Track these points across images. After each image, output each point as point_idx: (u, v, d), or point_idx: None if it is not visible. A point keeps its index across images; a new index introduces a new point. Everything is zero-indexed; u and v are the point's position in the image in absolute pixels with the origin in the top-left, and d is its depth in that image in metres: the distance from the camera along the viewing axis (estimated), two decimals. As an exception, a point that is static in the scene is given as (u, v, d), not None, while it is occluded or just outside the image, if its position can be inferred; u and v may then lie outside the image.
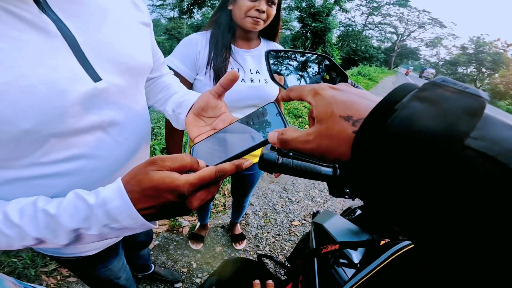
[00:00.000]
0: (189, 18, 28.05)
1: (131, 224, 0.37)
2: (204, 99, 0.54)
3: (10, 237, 0.37)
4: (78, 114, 0.45)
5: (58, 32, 0.41)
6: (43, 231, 0.37)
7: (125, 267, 0.97)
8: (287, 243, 2.05)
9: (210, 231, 2.01)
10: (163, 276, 1.58)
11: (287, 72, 0.57)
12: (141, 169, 0.37)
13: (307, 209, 2.48)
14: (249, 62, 1.10)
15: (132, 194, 0.36)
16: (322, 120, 0.28)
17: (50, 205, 0.38)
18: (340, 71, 0.55)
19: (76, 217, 0.37)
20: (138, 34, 0.58)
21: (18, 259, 1.48)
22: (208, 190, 0.39)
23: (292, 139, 0.32)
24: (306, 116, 4.84)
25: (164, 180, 0.35)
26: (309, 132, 0.29)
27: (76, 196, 0.38)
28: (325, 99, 0.29)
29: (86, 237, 0.39)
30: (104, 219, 0.37)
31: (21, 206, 0.39)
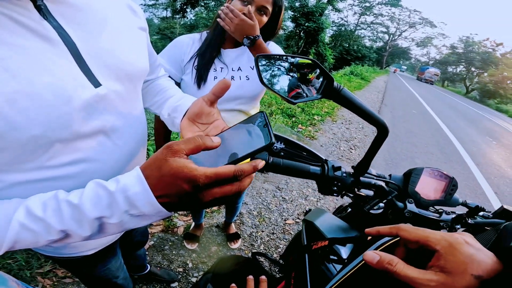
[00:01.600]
0: (182, 18, 27.81)
1: (149, 211, 0.38)
2: (197, 105, 0.57)
3: (36, 232, 0.37)
4: (82, 119, 0.46)
5: (60, 39, 0.42)
6: (68, 223, 0.38)
7: (123, 266, 0.98)
8: (282, 241, 2.08)
9: (205, 230, 2.03)
10: (159, 276, 1.59)
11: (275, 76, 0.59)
12: (159, 155, 0.37)
13: (301, 207, 2.52)
14: (233, 61, 1.12)
15: (150, 179, 0.37)
16: (451, 273, 0.32)
17: (72, 195, 0.39)
18: (327, 75, 0.56)
19: (99, 205, 0.37)
20: (136, 40, 0.59)
21: (12, 260, 1.47)
22: (223, 188, 0.39)
23: (406, 276, 0.34)
24: (299, 116, 4.87)
25: (183, 169, 0.35)
26: (431, 278, 0.33)
27: (96, 184, 0.39)
28: (461, 257, 0.32)
29: (108, 227, 0.39)
30: (125, 206, 0.37)
31: (43, 200, 0.39)
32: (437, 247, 0.34)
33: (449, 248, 0.33)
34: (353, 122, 5.63)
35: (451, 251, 0.33)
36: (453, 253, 0.33)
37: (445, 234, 0.35)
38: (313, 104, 5.85)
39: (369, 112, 0.58)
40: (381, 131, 0.60)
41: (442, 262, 0.33)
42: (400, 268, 0.35)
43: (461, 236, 0.35)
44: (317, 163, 0.65)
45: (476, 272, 0.30)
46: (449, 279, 0.31)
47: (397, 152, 4.58)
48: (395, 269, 0.35)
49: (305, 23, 19.56)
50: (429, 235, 0.36)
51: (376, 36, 50.03)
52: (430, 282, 0.32)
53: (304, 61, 0.60)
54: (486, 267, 0.31)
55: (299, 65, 0.60)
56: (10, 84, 0.37)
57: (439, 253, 0.34)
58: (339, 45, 36.04)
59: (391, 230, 0.40)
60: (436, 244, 0.34)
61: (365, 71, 18.17)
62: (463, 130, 8.23)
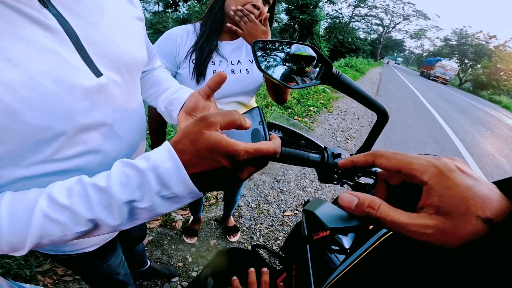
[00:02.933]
0: (175, 12, 27.44)
1: (181, 191, 0.35)
2: (193, 99, 0.56)
3: (62, 224, 0.34)
4: (85, 110, 0.45)
5: (60, 28, 0.41)
6: (96, 209, 0.34)
7: (124, 262, 0.97)
8: (281, 233, 2.08)
9: (204, 224, 2.03)
10: (159, 271, 1.59)
11: (273, 62, 0.58)
12: (193, 128, 0.34)
13: (299, 199, 2.53)
14: (230, 54, 1.10)
15: (183, 155, 0.34)
16: (450, 215, 0.24)
17: (98, 178, 0.35)
18: (325, 60, 0.56)
19: (129, 186, 0.34)
20: (133, 30, 0.58)
21: (11, 260, 1.46)
22: (258, 165, 0.37)
23: (393, 222, 0.26)
24: (295, 107, 4.87)
25: (222, 142, 0.33)
26: (426, 223, 0.25)
27: (124, 164, 0.35)
28: (459, 191, 0.24)
29: (139, 213, 0.36)
30: (156, 185, 0.34)
31: (67, 186, 0.36)
32: (424, 176, 0.26)
33: (439, 177, 0.25)
34: (349, 113, 5.65)
35: (443, 182, 0.25)
36: (447, 185, 0.25)
37: (432, 158, 0.27)
38: (309, 95, 5.85)
39: (369, 98, 0.58)
40: (381, 117, 0.59)
41: (435, 200, 0.25)
42: (384, 211, 0.27)
43: (451, 161, 0.27)
44: (316, 151, 0.65)
45: (483, 213, 0.23)
46: (449, 223, 0.24)
47: (392, 143, 4.62)
48: (379, 214, 0.27)
49: (300, 16, 19.44)
50: (412, 160, 0.27)
51: (370, 29, 50.02)
52: (426, 228, 0.25)
53: (302, 53, 0.58)
54: (493, 206, 0.23)
55: (296, 57, 0.59)
56: (11, 73, 0.36)
57: (428, 185, 0.26)
58: (333, 37, 35.93)
59: (366, 158, 0.32)
60: (423, 173, 0.26)
61: (359, 63, 18.20)
62: (457, 121, 8.31)
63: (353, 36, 38.66)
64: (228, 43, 1.09)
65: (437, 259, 0.34)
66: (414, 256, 0.43)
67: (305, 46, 0.60)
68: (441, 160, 0.27)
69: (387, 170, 0.30)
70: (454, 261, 0.28)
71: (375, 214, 0.27)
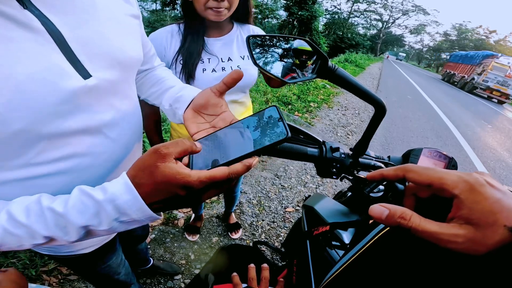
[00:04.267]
0: (172, 10, 27.33)
1: (140, 216, 0.38)
2: (204, 96, 0.54)
3: (20, 237, 0.37)
4: (69, 112, 0.44)
5: (43, 28, 0.40)
6: (52, 229, 0.37)
7: (124, 262, 0.97)
8: (282, 230, 2.09)
9: (205, 221, 2.03)
10: (162, 269, 1.60)
11: (268, 57, 0.58)
12: (148, 161, 0.36)
13: (300, 195, 2.53)
14: (220, 50, 1.06)
15: (141, 188, 0.36)
16: (479, 226, 0.26)
17: (56, 203, 0.38)
18: (320, 54, 0.55)
19: (86, 213, 0.37)
20: (128, 28, 0.56)
21: (16, 259, 1.47)
22: (218, 188, 0.40)
23: (425, 231, 0.28)
24: (295, 103, 4.87)
25: (176, 176, 0.35)
26: (457, 233, 0.27)
27: (81, 192, 0.38)
28: (488, 204, 0.26)
29: (96, 233, 0.39)
30: (114, 214, 0.37)
31: (26, 205, 0.38)
32: (455, 191, 0.28)
33: (470, 192, 0.27)
34: (349, 108, 5.64)
35: (473, 197, 0.27)
36: (477, 199, 0.26)
37: (462, 173, 0.29)
38: (309, 91, 5.84)
39: (365, 91, 0.57)
40: (378, 110, 0.59)
41: (465, 212, 0.27)
42: (416, 222, 0.29)
43: (481, 176, 0.28)
44: (314, 145, 0.64)
45: (509, 223, 0.24)
46: (478, 233, 0.26)
47: (393, 137, 4.61)
48: (411, 224, 0.29)
49: (298, 12, 19.34)
50: (443, 175, 0.29)
51: (369, 24, 49.79)
52: (456, 237, 0.26)
53: (303, 47, 0.58)
54: None
55: (298, 51, 0.59)
56: None
57: (459, 199, 0.27)
58: (332, 33, 35.75)
59: (396, 172, 0.34)
60: (454, 188, 0.28)
61: (359, 58, 18.12)
62: (458, 114, 8.26)
63: (352, 32, 38.47)
64: (216, 39, 1.06)
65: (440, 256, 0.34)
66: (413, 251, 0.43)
67: (301, 40, 0.59)
68: (472, 176, 0.28)
69: (418, 184, 0.32)
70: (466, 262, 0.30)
71: (407, 224, 0.29)
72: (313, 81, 6.64)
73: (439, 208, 0.32)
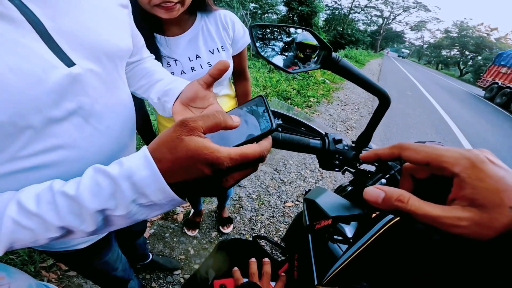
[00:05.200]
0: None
1: (160, 199, 0.33)
2: (192, 89, 0.54)
3: (32, 230, 0.33)
4: (54, 102, 0.43)
5: (23, 18, 0.38)
6: (66, 218, 0.33)
7: (121, 258, 0.96)
8: (282, 224, 2.09)
9: (205, 216, 2.03)
10: (161, 264, 1.60)
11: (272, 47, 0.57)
12: (172, 133, 0.32)
13: (300, 189, 2.52)
14: (185, 49, 0.96)
15: (162, 163, 0.31)
16: (485, 208, 0.23)
17: (68, 185, 0.34)
18: (324, 44, 0.55)
19: (100, 195, 0.32)
20: (115, 17, 0.55)
21: (15, 256, 1.47)
22: (244, 171, 0.35)
23: (425, 215, 0.26)
24: (295, 98, 4.87)
25: (203, 150, 0.30)
26: (460, 216, 0.24)
27: (95, 170, 0.34)
28: (492, 181, 0.24)
29: (114, 220, 0.34)
30: (131, 194, 0.32)
31: (37, 191, 0.34)
32: (455, 168, 0.25)
33: (472, 169, 0.24)
34: (349, 104, 5.64)
35: (476, 174, 0.24)
36: (479, 177, 0.24)
37: (462, 150, 0.26)
38: (308, 86, 5.84)
39: (369, 82, 0.57)
40: (382, 101, 0.58)
41: (468, 192, 0.24)
42: (415, 205, 0.26)
43: (481, 153, 0.26)
44: (317, 137, 0.63)
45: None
46: (484, 215, 0.23)
47: (393, 132, 4.62)
48: (409, 207, 0.26)
49: (298, 7, 19.20)
50: (442, 153, 0.26)
51: (370, 20, 49.47)
52: (460, 221, 0.24)
53: (308, 42, 0.58)
54: None
55: (302, 45, 0.58)
56: None
57: (460, 178, 0.25)
58: (333, 29, 35.57)
59: (391, 150, 0.31)
60: (454, 165, 0.25)
61: (359, 54, 18.14)
62: (458, 111, 8.26)
63: (352, 28, 38.28)
64: (178, 37, 0.95)
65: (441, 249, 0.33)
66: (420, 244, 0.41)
67: (308, 33, 0.59)
68: (472, 152, 0.26)
69: (415, 163, 0.29)
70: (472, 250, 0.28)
71: (405, 208, 0.26)
72: (313, 76, 6.63)
73: (438, 190, 0.30)
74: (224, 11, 1.01)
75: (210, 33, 0.98)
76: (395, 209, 0.27)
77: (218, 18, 0.99)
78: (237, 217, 2.08)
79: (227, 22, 1.00)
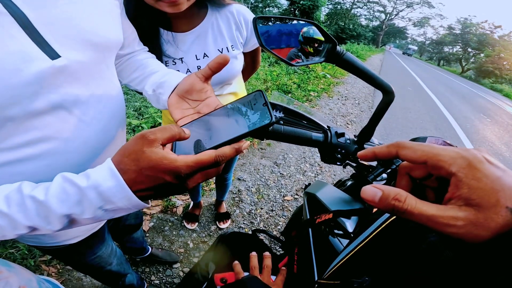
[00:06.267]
0: None
1: (126, 204, 0.37)
2: (189, 81, 0.53)
3: (1, 227, 0.36)
4: (35, 94, 0.42)
5: (5, 10, 0.38)
6: (34, 219, 0.36)
7: (115, 252, 0.96)
8: (281, 218, 2.09)
9: (204, 209, 2.03)
10: (161, 258, 1.60)
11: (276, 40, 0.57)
12: (134, 146, 0.35)
13: (299, 183, 2.53)
14: (192, 46, 0.89)
15: (127, 174, 0.35)
16: (481, 208, 0.23)
17: (37, 190, 0.36)
18: (329, 37, 0.55)
19: (68, 202, 0.35)
20: (104, 8, 0.54)
21: (15, 250, 1.47)
22: (206, 172, 0.40)
23: (421, 214, 0.25)
24: (295, 92, 4.85)
25: (162, 160, 0.34)
26: (456, 215, 0.24)
27: (64, 179, 0.36)
28: (488, 182, 0.24)
29: (80, 221, 0.38)
30: (98, 202, 0.36)
31: (6, 193, 0.37)
32: (452, 168, 0.25)
33: (468, 169, 0.24)
34: (349, 98, 5.64)
35: (473, 174, 0.24)
36: (476, 177, 0.24)
37: (459, 149, 0.26)
38: (309, 80, 5.82)
39: (373, 76, 0.56)
40: (386, 95, 0.58)
41: (464, 191, 0.24)
42: (411, 204, 0.26)
43: (479, 152, 0.26)
44: (319, 131, 0.63)
45: (511, 203, 0.22)
46: (480, 215, 0.23)
47: (392, 127, 4.62)
48: (406, 206, 0.26)
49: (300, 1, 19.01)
50: (439, 151, 0.26)
51: (372, 15, 49.02)
52: (456, 220, 0.24)
53: (318, 37, 0.58)
54: None
55: (308, 39, 0.59)
56: None
57: (457, 177, 0.25)
58: (334, 23, 35.27)
59: (389, 149, 0.31)
60: (451, 164, 0.25)
61: (360, 49, 18.04)
62: (458, 107, 8.25)
63: (354, 23, 37.93)
64: (186, 34, 0.88)
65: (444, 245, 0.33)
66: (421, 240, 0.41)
67: (314, 28, 0.59)
68: (470, 151, 0.26)
69: (412, 161, 0.29)
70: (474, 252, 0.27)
71: (402, 207, 0.26)
72: (314, 70, 6.59)
73: (435, 189, 0.30)
74: (238, 6, 0.93)
75: (221, 31, 0.91)
76: (391, 208, 0.27)
77: (231, 15, 0.92)
78: (236, 210, 2.09)
79: (241, 21, 0.93)
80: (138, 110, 2.98)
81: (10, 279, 0.51)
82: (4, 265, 0.53)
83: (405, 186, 0.32)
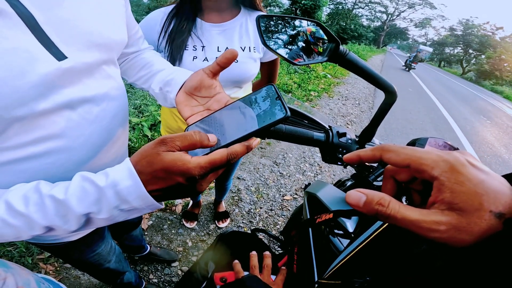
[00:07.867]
0: (174, -5, 26.73)
1: (140, 204, 0.37)
2: (197, 78, 0.52)
3: (17, 228, 0.36)
4: (41, 95, 0.42)
5: (12, 11, 0.37)
6: (53, 218, 0.36)
7: (114, 250, 0.96)
8: (280, 218, 2.09)
9: (203, 208, 2.03)
10: (159, 256, 1.60)
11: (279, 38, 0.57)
12: (151, 149, 0.36)
13: (298, 183, 2.53)
14: (217, 38, 0.93)
15: (142, 175, 0.36)
16: (464, 212, 0.23)
17: (56, 189, 0.37)
18: (332, 37, 0.54)
19: (86, 200, 0.36)
20: (109, 8, 0.53)
21: (13, 247, 1.46)
22: (217, 172, 0.40)
23: (404, 219, 0.25)
24: (296, 91, 4.86)
25: (176, 162, 0.35)
26: (438, 220, 0.24)
27: (83, 178, 0.37)
28: (471, 186, 0.23)
29: (96, 221, 0.38)
30: (115, 201, 0.36)
31: (23, 193, 0.37)
32: (434, 171, 0.25)
33: (451, 172, 0.24)
34: (350, 98, 5.64)
35: (455, 178, 0.24)
36: (459, 180, 0.24)
37: (442, 152, 0.26)
38: (309, 80, 5.82)
39: (376, 76, 0.56)
40: (388, 95, 0.58)
41: (447, 195, 0.24)
42: (395, 209, 0.25)
43: (462, 155, 0.25)
44: (320, 130, 0.63)
45: (495, 207, 0.22)
46: (462, 219, 0.23)
47: (392, 128, 4.63)
48: (389, 212, 0.26)
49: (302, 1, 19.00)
50: (422, 155, 0.26)
51: (374, 16, 48.95)
52: (438, 225, 0.23)
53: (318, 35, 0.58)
54: (505, 200, 0.22)
55: (318, 39, 0.58)
56: None
57: (439, 181, 0.24)
58: (336, 23, 35.23)
59: (373, 152, 0.31)
60: (433, 168, 0.25)
61: (362, 49, 18.06)
62: (458, 109, 8.26)
63: (356, 23, 37.90)
64: (214, 25, 0.92)
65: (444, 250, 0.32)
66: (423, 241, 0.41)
67: (318, 27, 0.58)
68: (452, 155, 0.25)
69: (396, 165, 0.29)
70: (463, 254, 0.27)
71: (385, 212, 0.26)
72: (315, 70, 6.59)
73: (421, 193, 0.30)
74: None
75: (248, 31, 0.95)
76: (375, 213, 0.26)
77: None
78: (236, 209, 2.08)
79: None
80: (138, 108, 2.98)
81: (8, 279, 0.51)
82: (2, 265, 0.52)
83: (390, 190, 0.33)
